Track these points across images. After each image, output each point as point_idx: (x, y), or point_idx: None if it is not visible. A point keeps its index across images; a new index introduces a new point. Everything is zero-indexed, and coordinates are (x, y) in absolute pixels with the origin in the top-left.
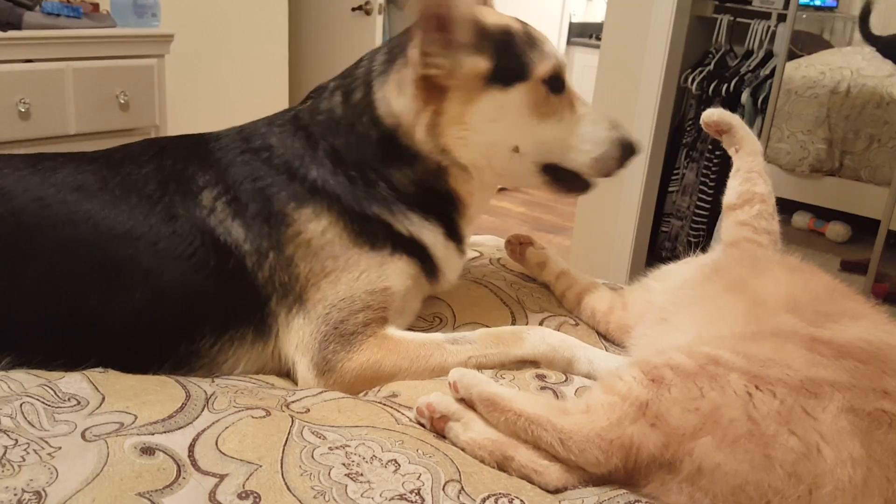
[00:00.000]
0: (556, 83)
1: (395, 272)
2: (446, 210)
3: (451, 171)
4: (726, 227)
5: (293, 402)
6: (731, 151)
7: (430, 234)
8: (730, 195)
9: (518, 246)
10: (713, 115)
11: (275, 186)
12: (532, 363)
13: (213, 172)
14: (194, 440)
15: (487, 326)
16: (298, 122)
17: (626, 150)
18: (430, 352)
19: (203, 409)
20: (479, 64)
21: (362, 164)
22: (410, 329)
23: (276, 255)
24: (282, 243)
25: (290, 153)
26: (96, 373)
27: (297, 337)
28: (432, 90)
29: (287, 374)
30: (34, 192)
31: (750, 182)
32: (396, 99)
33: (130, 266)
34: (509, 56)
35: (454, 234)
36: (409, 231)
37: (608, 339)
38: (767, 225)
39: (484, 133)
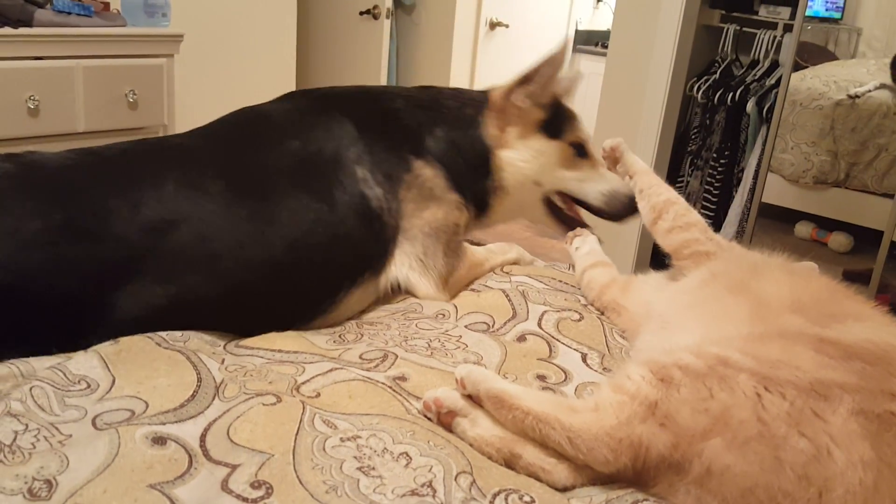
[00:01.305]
0: (580, 149)
1: (463, 217)
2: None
3: (497, 192)
4: (661, 241)
5: (303, 383)
6: (627, 180)
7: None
8: (646, 214)
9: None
10: (610, 142)
11: (400, 143)
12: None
13: (356, 145)
14: (206, 430)
15: (490, 316)
16: (419, 102)
17: (634, 205)
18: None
19: (214, 398)
20: (539, 114)
21: (461, 155)
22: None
23: (393, 198)
24: (397, 187)
25: (413, 122)
26: (108, 347)
27: (409, 259)
28: (507, 122)
29: (392, 293)
30: (252, 249)
31: (656, 195)
32: (492, 128)
33: (309, 263)
34: (556, 118)
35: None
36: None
37: (600, 311)
38: (689, 218)
39: (525, 163)
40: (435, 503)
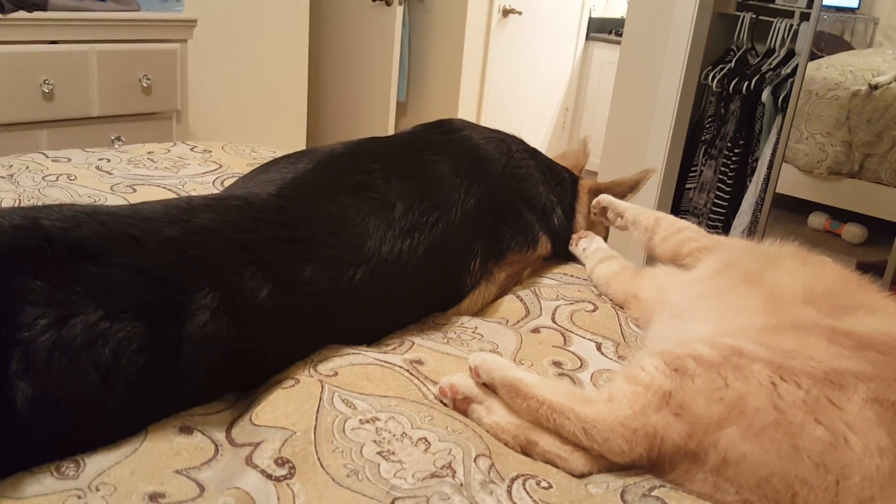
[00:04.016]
0: None
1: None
2: None
3: None
4: (660, 251)
5: (320, 363)
6: (618, 223)
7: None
8: (642, 237)
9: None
10: (600, 202)
11: (533, 222)
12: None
13: (485, 234)
14: (231, 423)
15: (504, 318)
16: (544, 176)
17: None
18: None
19: (238, 395)
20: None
21: (566, 223)
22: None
23: (495, 261)
24: (508, 254)
25: (545, 198)
26: None
27: (478, 296)
28: (591, 226)
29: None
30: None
31: (646, 219)
32: (581, 219)
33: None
34: None
35: None
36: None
37: (611, 300)
38: (679, 225)
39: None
40: (455, 483)
